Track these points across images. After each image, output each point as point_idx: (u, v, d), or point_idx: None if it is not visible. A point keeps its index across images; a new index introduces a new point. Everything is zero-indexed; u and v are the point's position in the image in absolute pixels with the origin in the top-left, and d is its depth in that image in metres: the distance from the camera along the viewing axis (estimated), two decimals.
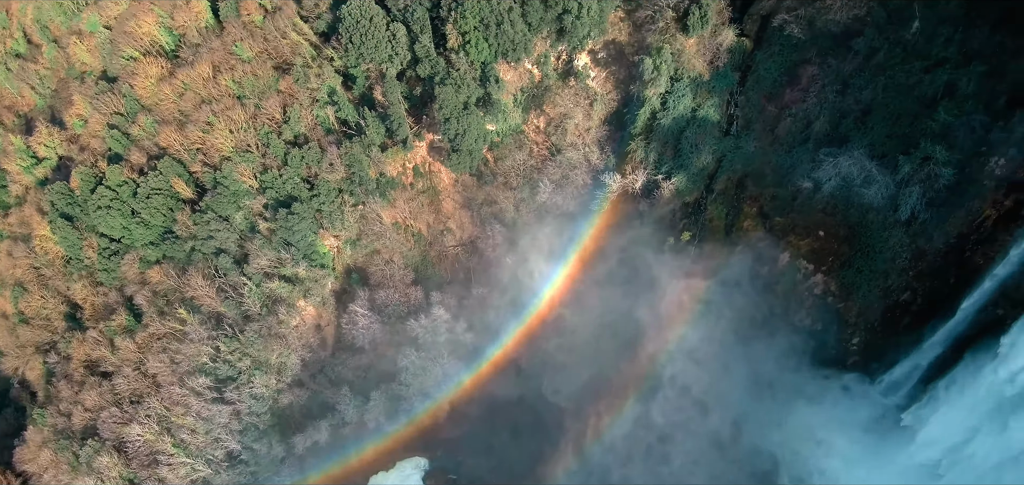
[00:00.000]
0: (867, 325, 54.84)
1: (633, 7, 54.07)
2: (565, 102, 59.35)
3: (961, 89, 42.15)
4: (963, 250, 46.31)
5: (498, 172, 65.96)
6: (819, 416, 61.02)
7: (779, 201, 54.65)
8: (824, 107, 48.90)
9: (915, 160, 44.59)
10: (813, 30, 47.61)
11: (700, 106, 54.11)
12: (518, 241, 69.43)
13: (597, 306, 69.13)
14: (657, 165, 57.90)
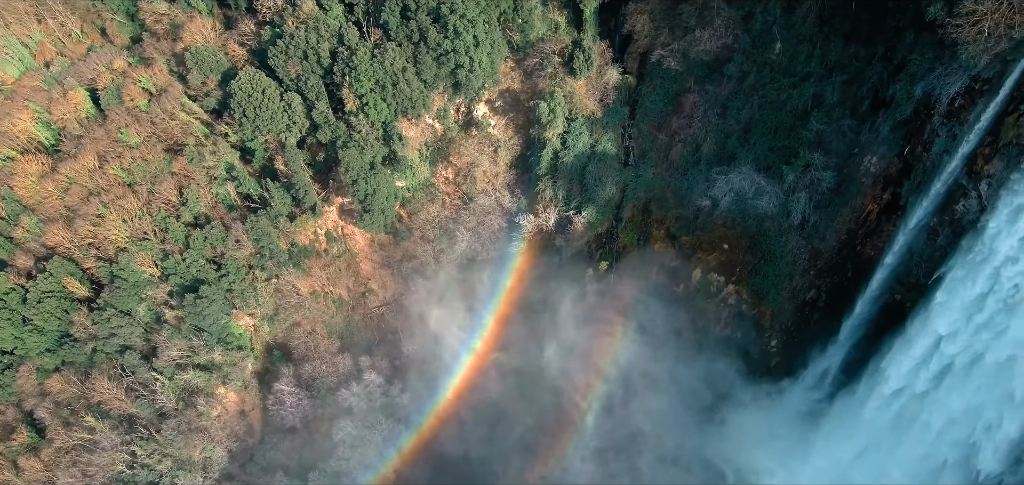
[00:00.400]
0: (781, 327, 57.39)
1: (521, 56, 55.55)
2: (470, 151, 59.84)
3: (827, 98, 45.29)
4: (854, 245, 49.41)
5: (413, 227, 65.32)
6: (753, 420, 63.01)
7: (683, 221, 56.74)
8: (709, 130, 51.38)
9: (797, 168, 47.36)
10: (688, 61, 50.25)
11: (598, 142, 55.78)
12: (444, 293, 68.74)
13: (529, 344, 69.14)
14: (567, 201, 58.96)
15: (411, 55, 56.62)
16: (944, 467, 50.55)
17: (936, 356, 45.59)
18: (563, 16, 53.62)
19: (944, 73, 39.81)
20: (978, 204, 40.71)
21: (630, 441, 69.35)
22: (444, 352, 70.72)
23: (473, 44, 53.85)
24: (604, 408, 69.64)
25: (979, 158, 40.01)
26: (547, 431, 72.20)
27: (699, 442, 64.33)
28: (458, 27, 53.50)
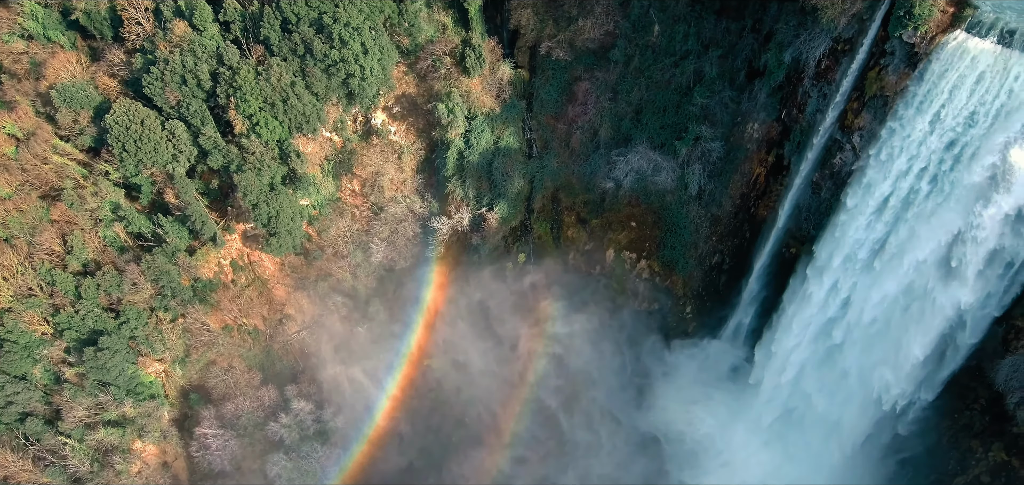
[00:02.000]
0: (694, 293, 59.85)
1: (413, 60, 54.69)
2: (374, 160, 58.46)
3: (707, 73, 47.18)
4: (748, 207, 52.05)
5: (325, 244, 63.30)
6: (682, 385, 65.58)
7: (591, 205, 57.90)
8: (603, 115, 52.50)
9: (688, 142, 49.22)
10: (575, 51, 51.11)
11: (500, 138, 55.83)
12: (366, 307, 67.26)
13: (459, 345, 68.86)
14: (478, 199, 58.78)
15: (298, 69, 54.49)
16: (857, 396, 54.63)
17: (831, 298, 49.04)
18: (449, 16, 53.03)
19: (808, 38, 42.21)
20: (853, 155, 43.65)
21: (569, 426, 70.71)
22: (374, 367, 69.38)
23: (361, 52, 52.39)
24: (540, 394, 70.50)
25: (849, 113, 42.88)
26: (489, 425, 72.41)
27: (631, 413, 66.34)
28: (344, 36, 51.90)
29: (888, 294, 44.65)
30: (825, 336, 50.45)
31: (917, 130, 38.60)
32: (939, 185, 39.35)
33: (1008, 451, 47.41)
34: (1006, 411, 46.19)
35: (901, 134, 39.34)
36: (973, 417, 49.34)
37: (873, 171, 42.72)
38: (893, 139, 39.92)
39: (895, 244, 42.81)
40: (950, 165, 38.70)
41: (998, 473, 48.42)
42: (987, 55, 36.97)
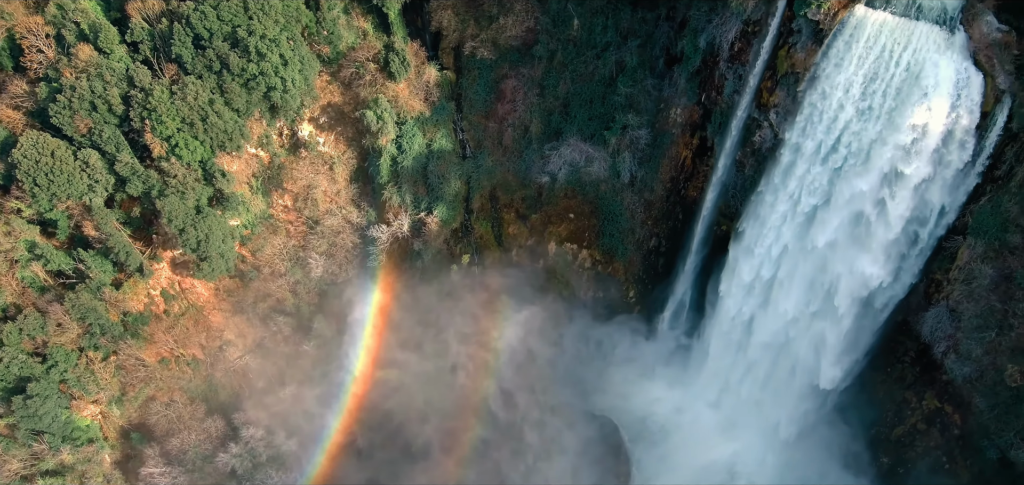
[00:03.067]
0: (635, 278, 61.06)
1: (335, 69, 53.54)
2: (304, 174, 57.06)
3: (628, 63, 47.96)
4: (679, 190, 53.37)
5: (260, 264, 61.51)
6: (632, 369, 66.88)
7: (529, 200, 58.22)
8: (532, 111, 52.81)
9: (616, 132, 50.00)
10: (499, 49, 51.18)
11: (432, 140, 55.34)
12: (311, 324, 65.75)
13: (411, 352, 68.06)
14: (416, 204, 58.15)
15: (216, 86, 52.59)
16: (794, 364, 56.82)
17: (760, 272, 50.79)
18: (369, 22, 52.05)
19: (720, 22, 43.31)
20: (771, 132, 45.09)
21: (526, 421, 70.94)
22: (325, 385, 67.89)
23: (281, 64, 50.94)
24: (496, 391, 70.36)
25: (764, 92, 44.25)
26: (448, 428, 71.94)
27: (586, 400, 67.14)
28: (261, 48, 50.31)
29: (814, 262, 46.59)
30: (761, 308, 52.26)
31: (828, 103, 40.12)
32: (852, 155, 41.07)
33: (940, 398, 50.23)
34: (934, 361, 48.89)
35: (814, 108, 40.82)
36: (904, 370, 52.02)
37: (790, 146, 44.30)
38: (806, 113, 41.42)
39: (816, 215, 44.59)
40: (861, 133, 40.41)
41: (932, 420, 51.31)
42: (887, 26, 38.67)
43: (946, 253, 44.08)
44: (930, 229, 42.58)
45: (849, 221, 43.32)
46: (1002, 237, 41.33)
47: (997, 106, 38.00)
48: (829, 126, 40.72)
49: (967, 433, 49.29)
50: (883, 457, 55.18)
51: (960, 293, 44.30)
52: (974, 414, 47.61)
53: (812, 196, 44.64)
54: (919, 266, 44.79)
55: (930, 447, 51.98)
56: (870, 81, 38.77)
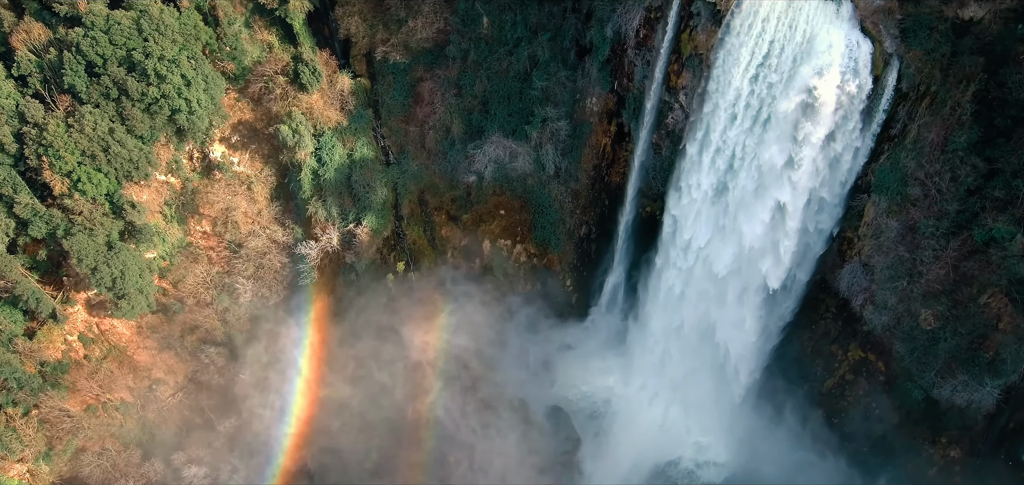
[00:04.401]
0: (570, 267, 61.88)
1: (243, 85, 51.62)
2: (221, 196, 54.83)
3: (541, 57, 48.30)
4: (602, 177, 54.40)
5: (183, 295, 58.84)
6: (575, 355, 67.70)
7: (459, 201, 57.93)
8: (452, 112, 52.53)
9: (536, 126, 50.37)
10: (411, 52, 50.56)
11: (353, 150, 54.20)
12: (245, 351, 63.36)
13: (355, 368, 66.56)
14: (343, 216, 56.84)
15: (115, 113, 49.77)
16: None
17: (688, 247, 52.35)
18: (273, 34, 50.30)
19: (624, 11, 44.11)
20: (682, 113, 46.32)
21: (481, 415, 70.82)
22: (268, 411, 65.65)
23: (183, 84, 48.59)
24: (446, 396, 69.82)
25: (672, 75, 45.36)
26: (401, 440, 71.02)
27: (535, 392, 67.56)
28: (160, 70, 47.86)
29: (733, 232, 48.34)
30: (689, 284, 53.89)
31: (731, 80, 41.48)
32: (757, 127, 42.68)
33: (863, 348, 53.04)
34: (854, 314, 51.60)
35: (718, 86, 42.14)
36: (828, 325, 54.66)
37: (701, 124, 45.66)
38: (713, 92, 42.73)
39: (731, 188, 46.21)
40: (764, 107, 42.01)
41: (859, 369, 54.13)
42: (779, 4, 40.20)
43: (854, 211, 46.47)
44: (836, 190, 44.75)
45: (760, 191, 45.02)
46: (903, 191, 43.89)
47: (886, 69, 40.18)
48: (734, 102, 42.12)
49: (892, 378, 52.29)
50: (817, 410, 57.93)
51: (870, 248, 46.81)
52: (896, 359, 50.53)
53: (725, 170, 46.22)
54: (830, 226, 47.09)
55: (860, 395, 54.91)
56: (767, 56, 40.29)
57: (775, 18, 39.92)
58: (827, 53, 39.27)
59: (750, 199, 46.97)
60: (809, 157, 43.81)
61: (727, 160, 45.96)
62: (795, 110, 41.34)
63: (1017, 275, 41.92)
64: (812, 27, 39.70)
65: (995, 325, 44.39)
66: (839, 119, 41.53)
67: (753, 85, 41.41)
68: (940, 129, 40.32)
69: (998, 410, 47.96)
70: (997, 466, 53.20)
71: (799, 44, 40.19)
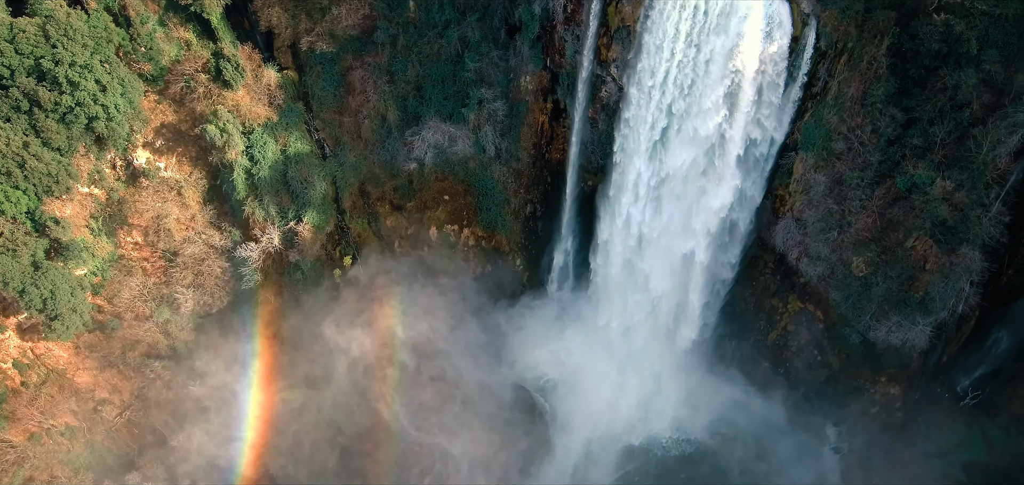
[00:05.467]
0: (519, 247, 61.97)
1: (163, 87, 49.31)
2: (150, 204, 52.60)
3: (472, 38, 47.72)
4: (543, 155, 54.57)
5: (120, 311, 56.55)
6: (531, 333, 67.95)
7: (401, 190, 57.14)
8: (386, 99, 51.55)
9: (472, 108, 49.93)
10: (337, 40, 49.21)
11: (287, 145, 52.72)
12: (192, 362, 61.43)
13: (309, 368, 65.40)
14: (282, 215, 55.36)
15: (29, 126, 47.00)
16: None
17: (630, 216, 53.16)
18: (190, 31, 48.07)
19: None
20: (615, 85, 46.64)
21: (443, 402, 70.76)
22: (224, 421, 64.02)
23: (99, 90, 46.14)
24: (409, 391, 69.59)
25: (602, 48, 45.56)
26: (366, 435, 70.46)
27: (495, 374, 67.83)
28: (72, 77, 45.31)
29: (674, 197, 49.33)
30: (635, 252, 54.80)
31: (658, 49, 41.92)
32: (686, 93, 43.34)
33: (802, 299, 55.15)
34: (791, 267, 53.49)
35: (647, 56, 42.56)
36: (767, 280, 56.55)
37: (633, 95, 46.14)
38: (642, 62, 43.14)
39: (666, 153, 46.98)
40: (691, 74, 42.66)
41: (799, 320, 56.29)
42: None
43: (784, 169, 47.91)
44: (766, 150, 46.00)
45: (695, 155, 45.93)
46: (828, 146, 45.43)
47: (805, 29, 41.28)
48: (664, 70, 42.62)
49: (830, 324, 54.64)
50: (764, 363, 60.14)
51: (801, 203, 48.43)
52: (833, 307, 52.80)
53: (660, 138, 46.90)
54: (762, 184, 48.45)
55: (802, 344, 57.20)
56: (691, 24, 40.81)
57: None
58: (748, 18, 40.02)
59: (685, 165, 47.90)
60: (738, 119, 44.87)
61: (661, 129, 46.65)
62: (722, 74, 42.14)
63: (939, 218, 44.11)
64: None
65: (922, 266, 46.71)
66: (764, 81, 42.56)
67: (678, 53, 41.93)
68: (859, 84, 41.72)
69: (931, 346, 50.83)
70: (934, 397, 56.67)
71: (721, 11, 40.84)
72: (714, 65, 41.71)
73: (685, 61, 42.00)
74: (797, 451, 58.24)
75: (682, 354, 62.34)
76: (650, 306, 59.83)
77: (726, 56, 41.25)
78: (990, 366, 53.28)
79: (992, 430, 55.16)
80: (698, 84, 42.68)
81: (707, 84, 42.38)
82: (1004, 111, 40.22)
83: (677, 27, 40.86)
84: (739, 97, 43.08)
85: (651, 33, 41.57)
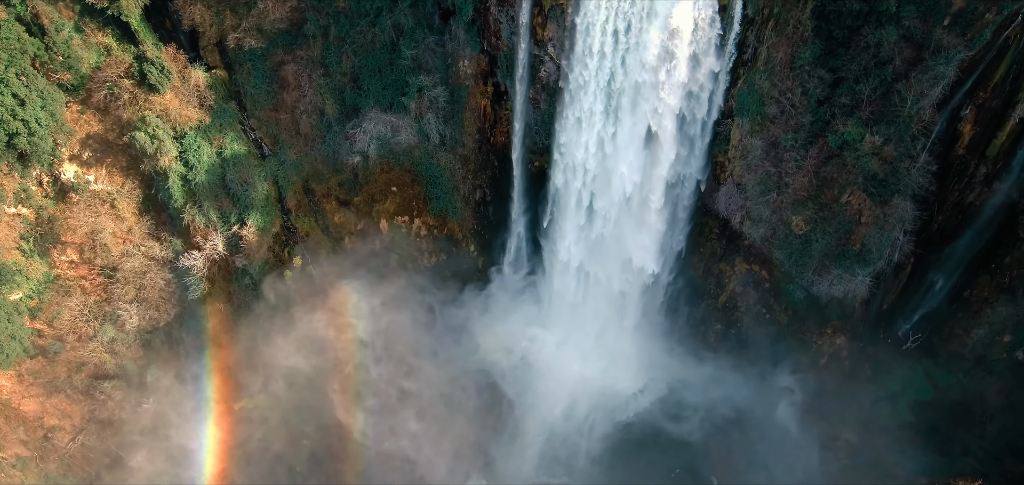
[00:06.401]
0: (471, 233, 61.79)
1: (85, 96, 47.10)
2: (83, 220, 50.45)
3: (406, 25, 46.93)
4: (487, 139, 54.28)
5: (62, 333, 54.40)
6: (490, 318, 67.97)
7: (346, 185, 56.21)
8: (322, 92, 50.42)
9: (412, 96, 49.26)
10: (266, 35, 47.77)
11: (222, 147, 51.12)
12: (143, 379, 59.59)
13: (268, 374, 63.91)
14: (224, 219, 53.80)
15: None
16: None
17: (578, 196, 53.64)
18: (110, 35, 45.94)
19: None
20: (553, 64, 46.68)
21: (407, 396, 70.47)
22: (183, 436, 62.39)
23: (17, 104, 43.87)
24: (371, 387, 68.99)
25: (537, 28, 45.44)
26: (332, 435, 69.71)
27: (457, 362, 67.83)
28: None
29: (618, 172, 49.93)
30: (586, 229, 55.38)
31: (592, 26, 42.06)
32: (622, 69, 43.71)
33: (747, 260, 56.67)
34: (735, 231, 54.88)
35: (581, 33, 42.68)
36: (714, 245, 57.92)
37: (572, 74, 46.21)
38: (578, 40, 43.22)
39: (609, 130, 47.38)
40: (627, 49, 42.99)
41: (746, 281, 57.89)
42: None
43: (722, 136, 48.91)
44: (703, 118, 46.87)
45: (637, 128, 46.46)
46: (761, 111, 46.50)
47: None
48: (598, 47, 42.83)
49: (775, 283, 56.39)
50: (716, 324, 61.79)
51: (740, 168, 49.59)
52: (777, 266, 54.46)
53: (601, 115, 47.23)
54: (703, 153, 49.42)
55: (750, 304, 58.88)
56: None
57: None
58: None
59: (625, 137, 48.42)
60: (674, 90, 45.41)
61: (601, 105, 46.92)
62: (656, 47, 42.56)
63: (870, 172, 45.78)
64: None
65: (858, 220, 48.51)
66: (697, 50, 43.16)
67: (612, 28, 42.18)
68: (786, 48, 42.74)
69: (871, 295, 52.95)
70: (878, 344, 59.19)
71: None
72: (646, 38, 42.09)
73: (618, 36, 42.26)
74: (754, 407, 60.13)
75: (639, 324, 63.52)
76: (604, 281, 60.71)
77: (658, 29, 41.71)
78: (928, 309, 55.83)
79: (934, 370, 57.90)
80: (633, 58, 43.03)
81: (641, 57, 42.76)
82: (925, 65, 41.83)
83: (608, 6, 41.02)
84: (674, 68, 43.61)
85: (583, 10, 41.62)
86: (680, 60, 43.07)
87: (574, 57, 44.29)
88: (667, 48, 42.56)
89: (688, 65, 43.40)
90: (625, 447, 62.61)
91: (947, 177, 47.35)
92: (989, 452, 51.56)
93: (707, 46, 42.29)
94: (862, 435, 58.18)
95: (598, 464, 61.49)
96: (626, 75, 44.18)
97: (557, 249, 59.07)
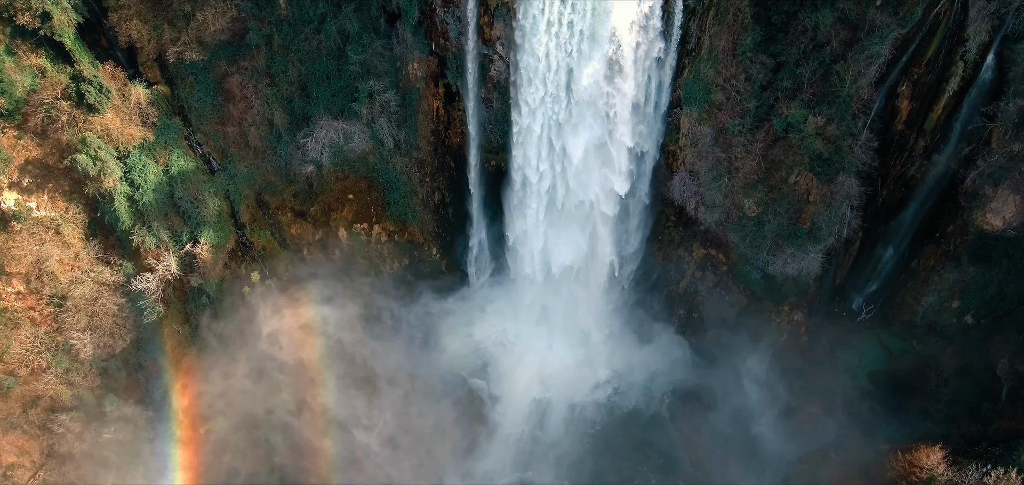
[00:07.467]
0: (433, 236, 61.50)
1: (21, 121, 45.30)
2: (26, 249, 48.58)
3: (351, 30, 46.45)
4: (442, 140, 54.16)
5: (12, 368, 52.31)
6: (458, 320, 67.83)
7: (301, 195, 55.39)
8: (270, 103, 49.52)
9: (363, 101, 48.78)
10: (207, 47, 46.62)
11: (169, 165, 49.81)
12: (102, 409, 57.57)
13: (232, 395, 62.28)
14: (176, 238, 52.47)
15: None
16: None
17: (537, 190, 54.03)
18: (43, 56, 44.27)
19: None
20: (503, 63, 46.81)
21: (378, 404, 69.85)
22: (144, 464, 60.77)
23: None
24: (341, 397, 68.17)
25: (484, 28, 45.47)
26: (303, 451, 68.62)
27: (427, 366, 67.54)
28: None
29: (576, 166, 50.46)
30: (547, 224, 55.87)
31: (537, 26, 42.31)
32: (570, 65, 44.11)
33: (704, 245, 57.88)
34: (691, 217, 55.98)
35: (527, 33, 42.90)
36: (672, 233, 58.94)
37: (522, 72, 46.45)
38: (525, 40, 43.43)
39: (562, 128, 47.87)
40: (574, 44, 43.39)
41: (704, 265, 59.16)
42: None
43: (673, 126, 49.81)
44: (652, 110, 47.61)
45: (588, 122, 46.99)
46: (708, 99, 47.50)
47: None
48: (544, 44, 43.11)
49: (732, 265, 57.66)
50: (679, 309, 62.92)
51: (692, 156, 50.56)
52: (732, 248, 55.72)
53: (552, 108, 47.62)
54: (656, 143, 50.24)
55: (710, 287, 60.16)
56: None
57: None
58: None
59: (580, 132, 48.92)
60: (624, 83, 46.05)
61: (552, 101, 47.29)
62: (601, 41, 43.07)
63: (815, 152, 47.08)
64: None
65: (806, 199, 49.87)
66: (642, 42, 43.84)
67: (557, 23, 42.49)
68: (728, 36, 43.70)
69: (824, 271, 54.58)
70: (834, 318, 61.01)
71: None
72: (592, 32, 42.57)
73: (563, 31, 42.60)
74: (721, 387, 61.43)
75: (605, 314, 64.24)
76: (568, 274, 61.22)
77: (602, 21, 42.20)
78: (878, 281, 57.80)
79: (888, 339, 60.01)
80: (580, 53, 43.43)
81: (588, 52, 43.23)
82: (861, 45, 43.19)
83: (553, 4, 41.29)
84: (621, 61, 44.21)
85: (529, 10, 41.83)
86: (626, 52, 43.70)
87: (522, 57, 44.47)
88: (613, 41, 43.14)
89: (634, 56, 44.05)
90: (596, 434, 63.28)
91: (888, 152, 49.03)
92: (946, 414, 53.44)
93: (653, 37, 42.95)
94: (824, 407, 59.82)
95: (570, 454, 62.08)
96: (572, 70, 44.54)
97: (519, 246, 59.38)
